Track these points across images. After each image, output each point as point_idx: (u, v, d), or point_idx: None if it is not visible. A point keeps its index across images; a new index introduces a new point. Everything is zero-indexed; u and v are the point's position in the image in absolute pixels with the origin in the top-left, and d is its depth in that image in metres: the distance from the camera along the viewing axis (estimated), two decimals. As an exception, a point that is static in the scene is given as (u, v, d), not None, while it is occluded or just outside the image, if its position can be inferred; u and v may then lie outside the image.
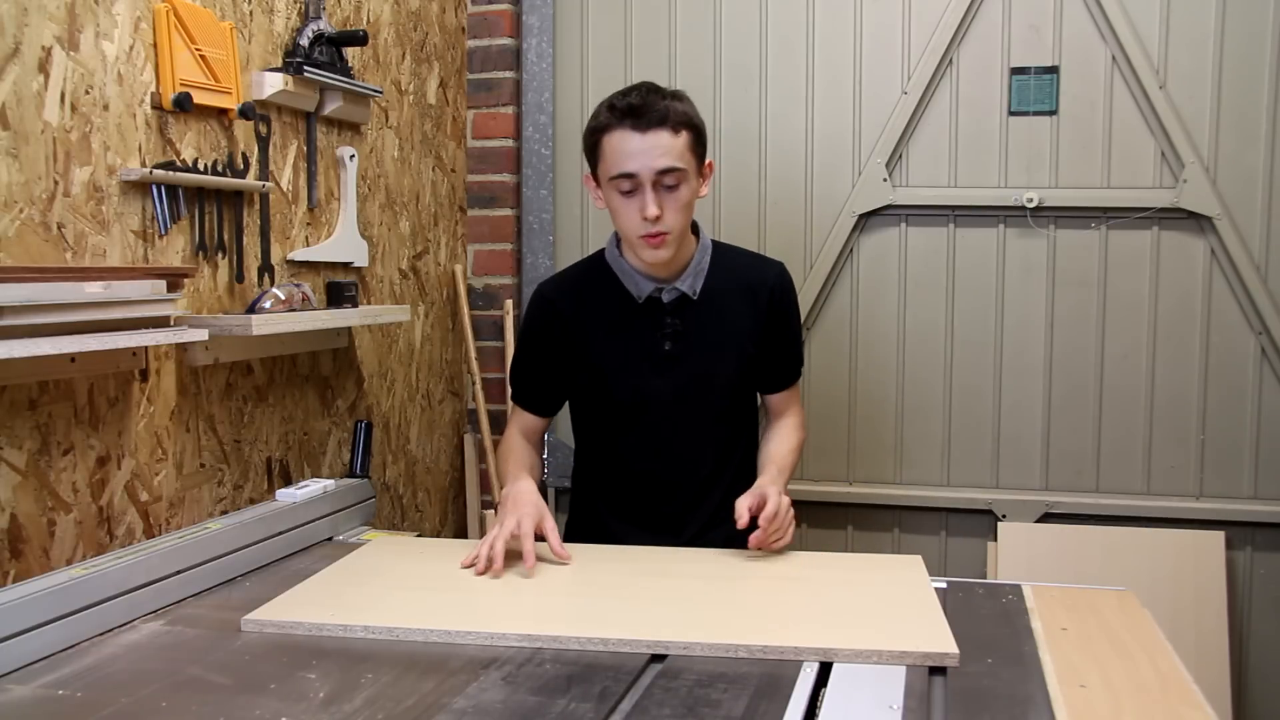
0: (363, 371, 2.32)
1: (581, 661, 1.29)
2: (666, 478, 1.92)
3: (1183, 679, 1.23)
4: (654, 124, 1.74)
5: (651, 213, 1.75)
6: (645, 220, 1.76)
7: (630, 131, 1.74)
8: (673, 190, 1.76)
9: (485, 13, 2.79)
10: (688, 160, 1.77)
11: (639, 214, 1.76)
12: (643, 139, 1.74)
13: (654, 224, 1.76)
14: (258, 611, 1.44)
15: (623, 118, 1.76)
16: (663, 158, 1.74)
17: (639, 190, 1.76)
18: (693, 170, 1.79)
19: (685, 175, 1.77)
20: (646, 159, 1.74)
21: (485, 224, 2.83)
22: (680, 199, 1.77)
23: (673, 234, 1.79)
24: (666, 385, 1.89)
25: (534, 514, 1.71)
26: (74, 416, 1.53)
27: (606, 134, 1.78)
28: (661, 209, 1.75)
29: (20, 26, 1.42)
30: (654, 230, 1.77)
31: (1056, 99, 2.55)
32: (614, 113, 1.77)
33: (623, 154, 1.75)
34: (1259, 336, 2.51)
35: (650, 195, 1.75)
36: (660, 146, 1.74)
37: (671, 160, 1.75)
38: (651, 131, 1.74)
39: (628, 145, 1.75)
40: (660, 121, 1.74)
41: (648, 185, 1.75)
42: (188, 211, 1.74)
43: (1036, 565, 2.53)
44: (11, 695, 1.20)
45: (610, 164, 1.78)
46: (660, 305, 1.89)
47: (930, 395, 2.67)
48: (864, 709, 1.16)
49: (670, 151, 1.75)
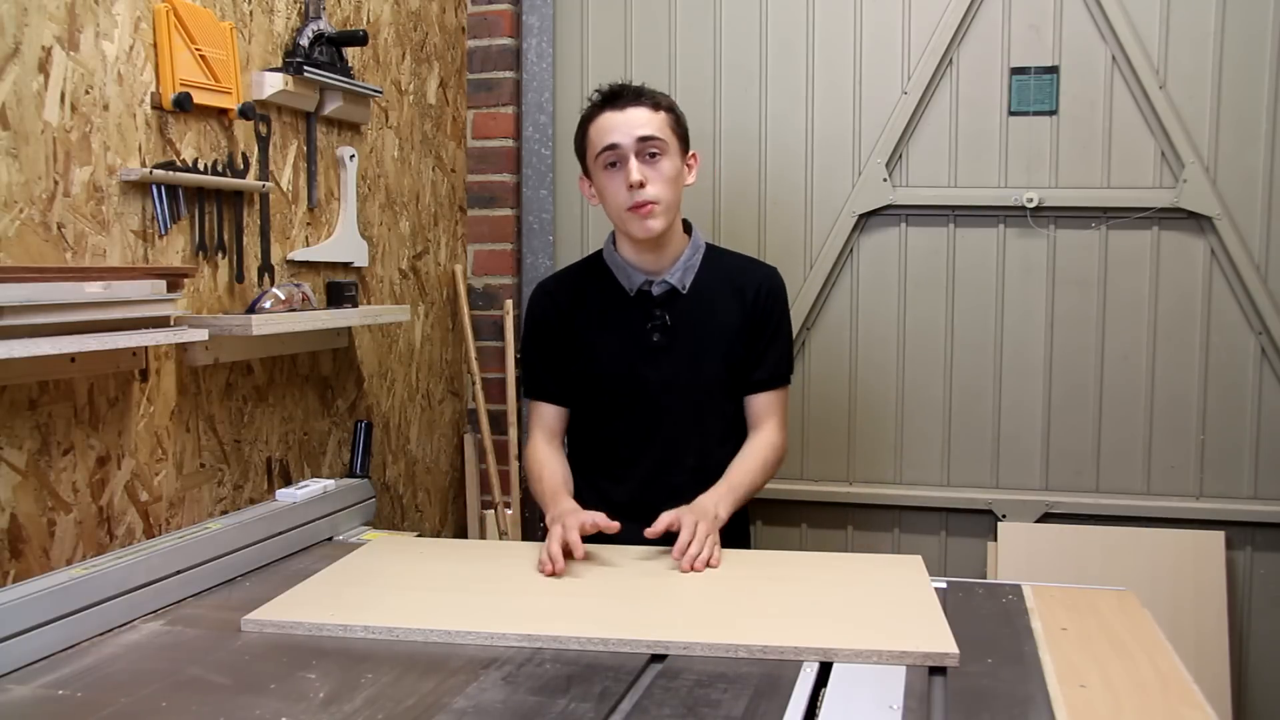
0: (363, 371, 2.32)
1: (581, 661, 1.29)
2: (650, 469, 1.94)
3: (1183, 679, 1.23)
4: (631, 101, 1.86)
5: (635, 178, 1.82)
6: (630, 189, 1.83)
7: (610, 110, 1.87)
8: (655, 160, 1.85)
9: (485, 13, 2.79)
10: (668, 135, 1.87)
11: (624, 185, 1.83)
12: (622, 114, 1.86)
13: (639, 192, 1.82)
14: (258, 611, 1.44)
15: (604, 102, 1.89)
16: (643, 127, 1.84)
17: (622, 162, 1.84)
18: (674, 148, 1.88)
19: (666, 147, 1.86)
20: (627, 129, 1.84)
21: (485, 224, 2.83)
22: (663, 170, 1.85)
23: (660, 204, 1.85)
24: (654, 376, 1.92)
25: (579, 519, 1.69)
26: (74, 416, 1.53)
27: (591, 122, 1.90)
28: (645, 177, 1.83)
29: (20, 26, 1.42)
30: (641, 199, 1.83)
31: (1056, 99, 2.55)
32: (595, 102, 1.90)
33: (604, 130, 1.86)
34: (1259, 336, 2.51)
35: (633, 163, 1.83)
36: (640, 118, 1.85)
37: (650, 130, 1.84)
38: (630, 108, 1.86)
39: (609, 122, 1.86)
40: (637, 98, 1.87)
41: (630, 154, 1.84)
42: (188, 211, 1.74)
43: (1036, 565, 2.53)
44: (11, 695, 1.20)
45: (594, 143, 1.88)
46: (650, 297, 1.92)
47: (930, 395, 2.67)
48: (864, 709, 1.16)
49: (649, 123, 1.85)
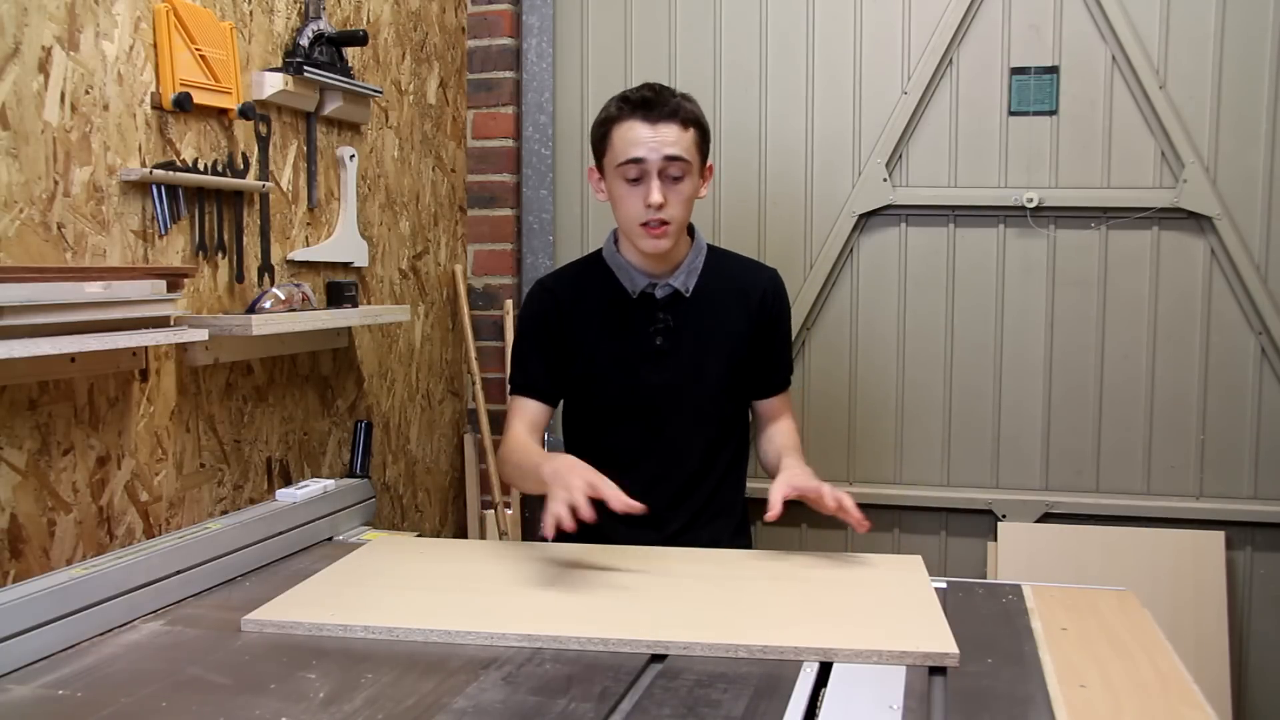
0: (363, 371, 2.32)
1: (581, 661, 1.29)
2: (652, 472, 1.91)
3: (1183, 679, 1.23)
4: (665, 117, 1.80)
5: (655, 199, 1.78)
6: (649, 208, 1.80)
7: (641, 122, 1.80)
8: (677, 182, 1.81)
9: (485, 13, 2.79)
10: (693, 155, 1.83)
11: (643, 201, 1.80)
12: (653, 129, 1.80)
13: (657, 212, 1.80)
14: (258, 611, 1.44)
15: (635, 109, 1.82)
16: (671, 147, 1.80)
17: (645, 178, 1.80)
18: (696, 167, 1.85)
19: (690, 169, 1.83)
20: (656, 146, 1.79)
21: (485, 224, 2.83)
22: (683, 192, 1.82)
23: (674, 225, 1.83)
24: (656, 379, 1.91)
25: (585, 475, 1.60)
26: (74, 416, 1.53)
27: (617, 124, 1.83)
28: (665, 198, 1.79)
29: (20, 26, 1.42)
30: (656, 218, 1.81)
31: (1056, 99, 2.55)
32: (626, 104, 1.83)
33: (632, 141, 1.80)
34: (1259, 336, 2.51)
35: (655, 182, 1.79)
36: (669, 137, 1.80)
37: (678, 151, 1.80)
38: (662, 123, 1.80)
39: (637, 134, 1.80)
40: (671, 115, 1.81)
41: (654, 173, 1.80)
42: (188, 211, 1.74)
43: (1036, 565, 2.53)
44: (11, 695, 1.20)
45: (618, 151, 1.82)
46: (653, 300, 1.91)
47: (930, 395, 2.67)
48: (864, 709, 1.15)
49: (679, 143, 1.81)
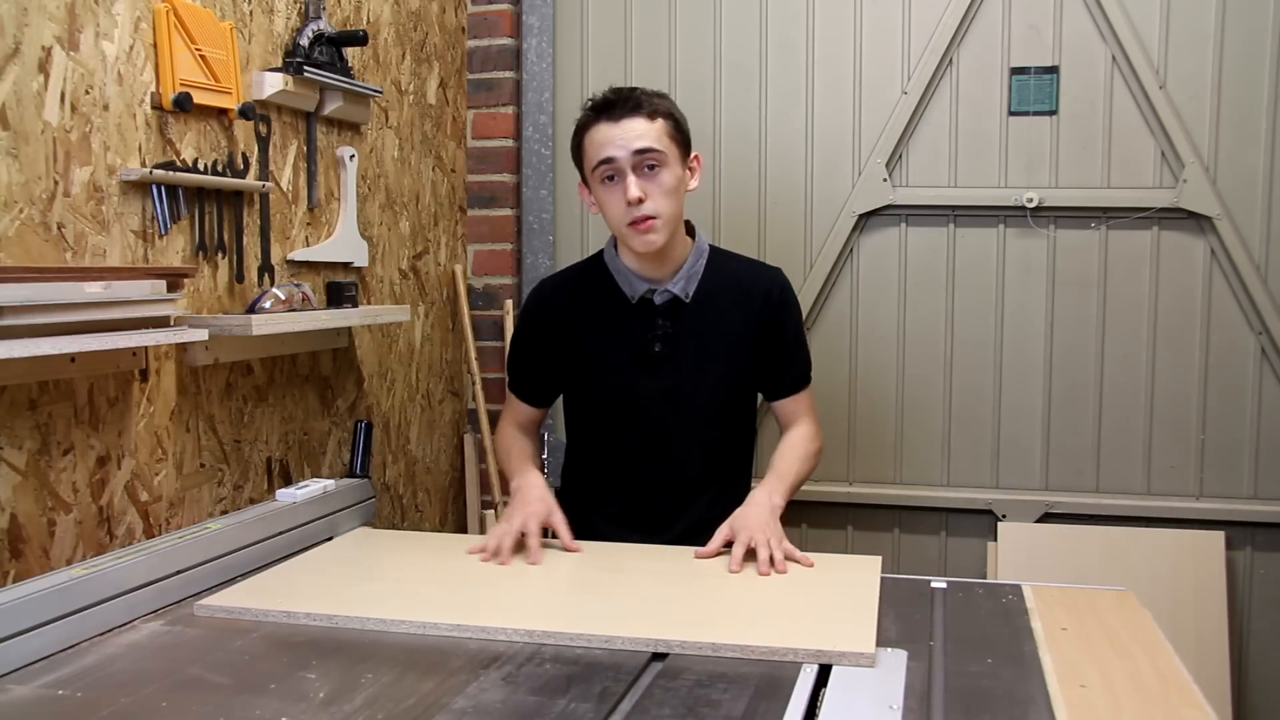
0: (363, 371, 2.32)
1: (582, 661, 1.29)
2: (653, 477, 1.92)
3: (1183, 679, 1.23)
4: (628, 113, 1.80)
5: (633, 194, 1.78)
6: (629, 205, 1.78)
7: (605, 123, 1.81)
8: (654, 173, 1.80)
9: (485, 13, 2.78)
10: (666, 145, 1.81)
11: (622, 200, 1.79)
12: (618, 126, 1.79)
13: (638, 207, 1.78)
14: (213, 597, 1.49)
15: (599, 113, 1.82)
16: (639, 140, 1.79)
17: (620, 177, 1.80)
18: (674, 156, 1.82)
19: (664, 158, 1.80)
20: (623, 142, 1.78)
21: (485, 224, 2.83)
22: (663, 183, 1.80)
23: (661, 219, 1.80)
24: (655, 386, 1.89)
25: (542, 511, 1.73)
26: (74, 416, 1.53)
27: (586, 131, 1.84)
28: (644, 192, 1.78)
29: (20, 26, 1.42)
30: (640, 214, 1.79)
31: (1056, 99, 2.55)
32: (590, 110, 1.84)
33: (600, 144, 1.81)
34: (1259, 336, 2.51)
35: (631, 178, 1.79)
36: (635, 130, 1.79)
37: (647, 142, 1.79)
38: (626, 119, 1.79)
39: (605, 134, 1.80)
40: (634, 109, 1.80)
41: (627, 169, 1.79)
42: (188, 211, 1.74)
43: (1036, 565, 2.53)
44: (11, 695, 1.20)
45: (590, 156, 1.83)
46: (652, 306, 1.89)
47: (930, 395, 2.67)
48: (864, 709, 1.16)
49: (645, 135, 1.79)
